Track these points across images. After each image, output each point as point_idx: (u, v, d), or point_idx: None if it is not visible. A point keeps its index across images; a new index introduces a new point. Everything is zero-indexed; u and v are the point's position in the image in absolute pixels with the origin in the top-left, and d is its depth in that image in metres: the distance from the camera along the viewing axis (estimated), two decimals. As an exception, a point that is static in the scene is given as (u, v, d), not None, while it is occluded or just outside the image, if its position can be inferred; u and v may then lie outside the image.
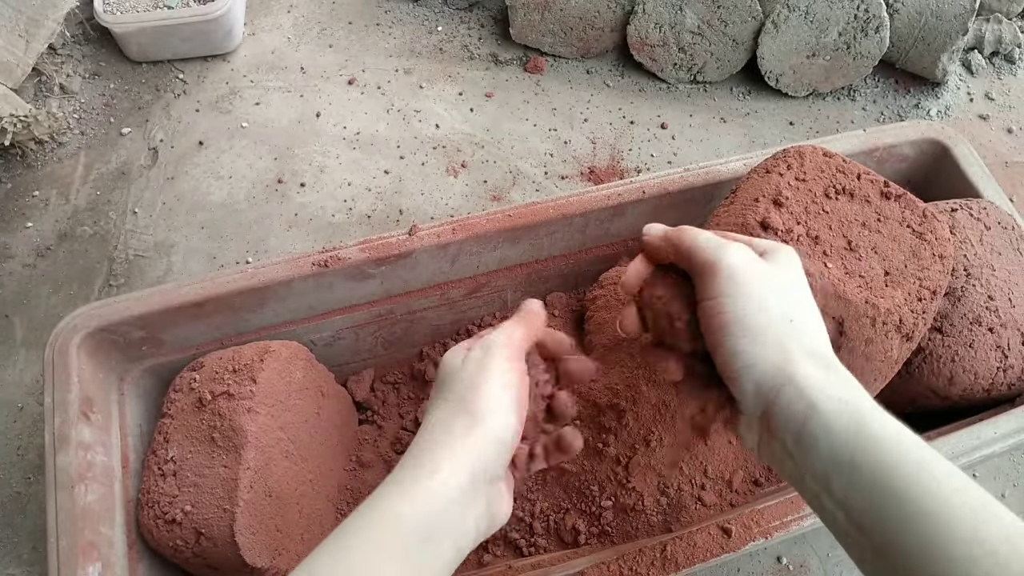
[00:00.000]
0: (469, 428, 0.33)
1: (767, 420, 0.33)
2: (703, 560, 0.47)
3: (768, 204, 0.47)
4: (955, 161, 0.64)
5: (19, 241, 0.78)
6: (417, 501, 0.31)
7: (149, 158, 0.85)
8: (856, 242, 0.46)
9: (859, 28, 0.85)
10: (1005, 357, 0.54)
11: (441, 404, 0.34)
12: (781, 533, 0.48)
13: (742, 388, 0.33)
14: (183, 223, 0.80)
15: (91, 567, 0.45)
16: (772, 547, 0.62)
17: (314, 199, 0.82)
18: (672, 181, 0.60)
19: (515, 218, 0.57)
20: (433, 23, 0.98)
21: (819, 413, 0.31)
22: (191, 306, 0.53)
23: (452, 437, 0.33)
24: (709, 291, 0.34)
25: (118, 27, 0.85)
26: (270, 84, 0.91)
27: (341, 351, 0.62)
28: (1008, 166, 0.89)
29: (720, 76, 0.92)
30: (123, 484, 0.50)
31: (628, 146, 0.88)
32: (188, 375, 0.52)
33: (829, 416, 0.31)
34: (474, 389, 0.34)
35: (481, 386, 0.34)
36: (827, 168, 0.49)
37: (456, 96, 0.91)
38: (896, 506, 0.28)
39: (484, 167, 0.85)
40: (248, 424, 0.48)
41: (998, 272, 0.55)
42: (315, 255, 0.55)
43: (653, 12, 0.87)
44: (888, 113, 0.92)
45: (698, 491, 0.52)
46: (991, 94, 0.95)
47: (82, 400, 0.49)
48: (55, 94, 0.87)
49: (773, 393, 0.32)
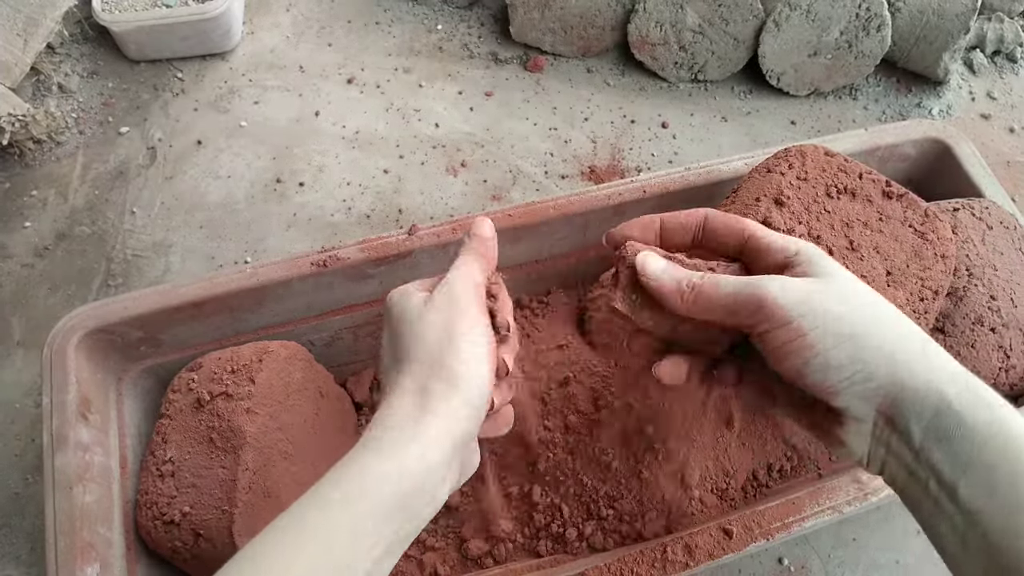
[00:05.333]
0: (447, 395, 0.31)
1: (886, 426, 0.31)
2: (704, 561, 0.47)
3: (769, 204, 0.47)
4: (957, 160, 0.63)
5: (17, 241, 0.77)
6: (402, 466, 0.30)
7: (147, 157, 0.84)
8: (858, 242, 0.46)
9: (861, 27, 0.84)
10: (1007, 357, 0.53)
11: (410, 366, 0.32)
12: (783, 534, 0.47)
13: (848, 398, 0.31)
14: (181, 223, 0.80)
15: (89, 568, 0.44)
16: (773, 548, 0.62)
17: (313, 199, 0.82)
18: (673, 180, 0.59)
19: (515, 218, 0.57)
20: (433, 22, 0.98)
21: (953, 411, 0.29)
22: (189, 306, 0.53)
23: (431, 403, 0.31)
24: (770, 320, 0.31)
25: (116, 26, 0.85)
26: (269, 83, 0.91)
27: (340, 351, 0.61)
28: (1010, 165, 0.88)
29: (721, 75, 0.92)
30: (121, 485, 0.50)
31: (629, 145, 0.88)
32: (186, 375, 0.52)
33: (964, 414, 0.29)
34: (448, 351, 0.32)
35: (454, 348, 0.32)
36: (829, 167, 0.49)
37: (456, 95, 0.91)
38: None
39: (484, 166, 0.85)
40: (247, 425, 0.48)
41: (1000, 272, 0.55)
42: (314, 255, 0.55)
43: (654, 10, 0.87)
44: (890, 112, 0.92)
45: (699, 492, 0.51)
46: (993, 93, 0.94)
47: (80, 401, 0.49)
48: (53, 93, 0.87)
49: (893, 397, 0.30)
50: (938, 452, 0.29)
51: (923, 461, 0.29)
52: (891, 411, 0.30)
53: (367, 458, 0.30)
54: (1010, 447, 0.28)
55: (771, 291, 0.31)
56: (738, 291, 0.32)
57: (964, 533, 0.28)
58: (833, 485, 0.49)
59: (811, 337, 0.30)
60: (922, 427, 0.29)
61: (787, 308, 0.31)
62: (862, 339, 0.30)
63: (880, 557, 0.62)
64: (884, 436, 0.31)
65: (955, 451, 0.28)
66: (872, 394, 0.30)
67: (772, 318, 0.31)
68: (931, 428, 0.29)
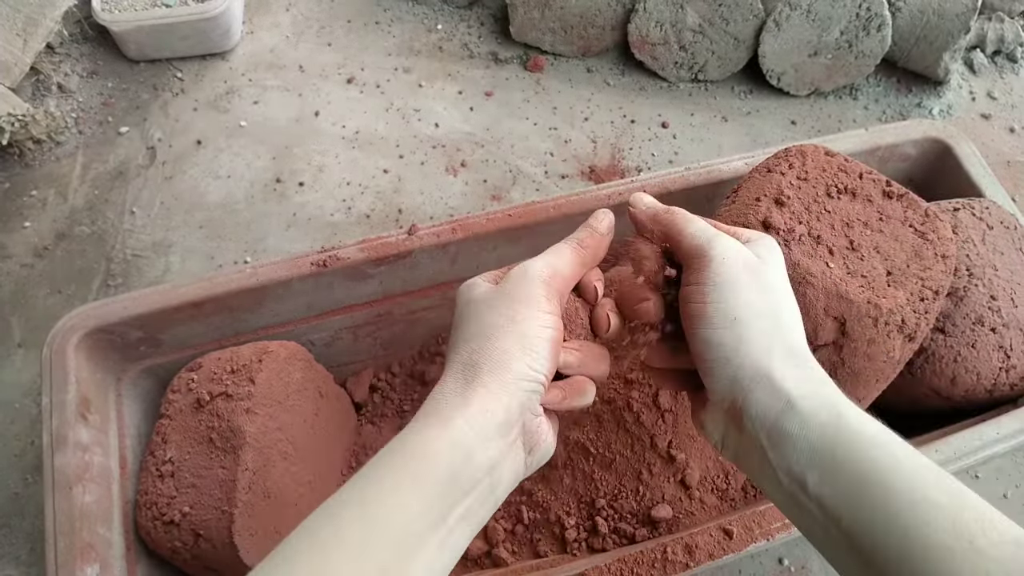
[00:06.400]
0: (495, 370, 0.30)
1: (735, 415, 0.33)
2: (704, 561, 0.46)
3: (770, 203, 0.47)
4: (957, 160, 0.63)
5: (17, 241, 0.77)
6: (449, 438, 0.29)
7: (147, 157, 0.84)
8: (858, 242, 0.46)
9: (861, 27, 0.84)
10: (1007, 357, 0.53)
11: (465, 345, 0.32)
12: (783, 534, 0.47)
13: (715, 378, 0.33)
14: (181, 223, 0.79)
15: (89, 568, 0.44)
16: (774, 548, 0.62)
17: (313, 198, 0.82)
18: (673, 180, 0.59)
19: (515, 218, 0.57)
20: (432, 21, 0.98)
21: (797, 410, 0.31)
22: (189, 306, 0.53)
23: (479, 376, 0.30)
24: (696, 277, 0.33)
25: (116, 26, 0.85)
26: (268, 83, 0.91)
27: (340, 351, 0.61)
28: (1010, 165, 0.88)
29: (721, 75, 0.92)
30: (121, 485, 0.50)
31: (629, 145, 0.88)
32: (186, 376, 0.52)
33: (806, 412, 0.31)
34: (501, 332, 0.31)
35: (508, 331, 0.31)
36: (829, 167, 0.49)
37: (456, 95, 0.91)
38: (880, 496, 0.28)
39: (484, 166, 0.85)
40: (246, 425, 0.48)
41: (1000, 272, 0.55)
42: (314, 255, 0.55)
43: (654, 10, 0.87)
44: (890, 112, 0.92)
45: (699, 492, 0.51)
46: (993, 93, 0.94)
47: (80, 401, 0.49)
48: (53, 93, 0.87)
49: (747, 389, 0.32)
50: (782, 449, 0.31)
51: (771, 459, 0.31)
52: (740, 409, 0.32)
53: (412, 436, 0.30)
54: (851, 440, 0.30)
55: (719, 249, 0.34)
56: (697, 241, 0.34)
57: (823, 523, 0.30)
58: (833, 485, 0.49)
59: (711, 307, 0.33)
60: (766, 429, 0.31)
61: (717, 270, 0.33)
62: (745, 328, 0.32)
63: (880, 557, 0.62)
64: (733, 430, 0.33)
65: (798, 446, 0.30)
66: (731, 386, 0.32)
67: (702, 277, 0.33)
68: (774, 429, 0.31)
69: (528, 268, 0.34)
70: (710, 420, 0.35)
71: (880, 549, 0.28)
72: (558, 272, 0.34)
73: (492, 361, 0.31)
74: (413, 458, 0.29)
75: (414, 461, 0.29)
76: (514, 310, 0.32)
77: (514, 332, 0.31)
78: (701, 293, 0.33)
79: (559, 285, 0.34)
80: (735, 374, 0.32)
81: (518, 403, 0.31)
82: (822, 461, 0.30)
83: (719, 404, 0.34)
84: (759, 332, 0.33)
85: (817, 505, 0.30)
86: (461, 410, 0.30)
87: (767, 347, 0.32)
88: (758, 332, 0.33)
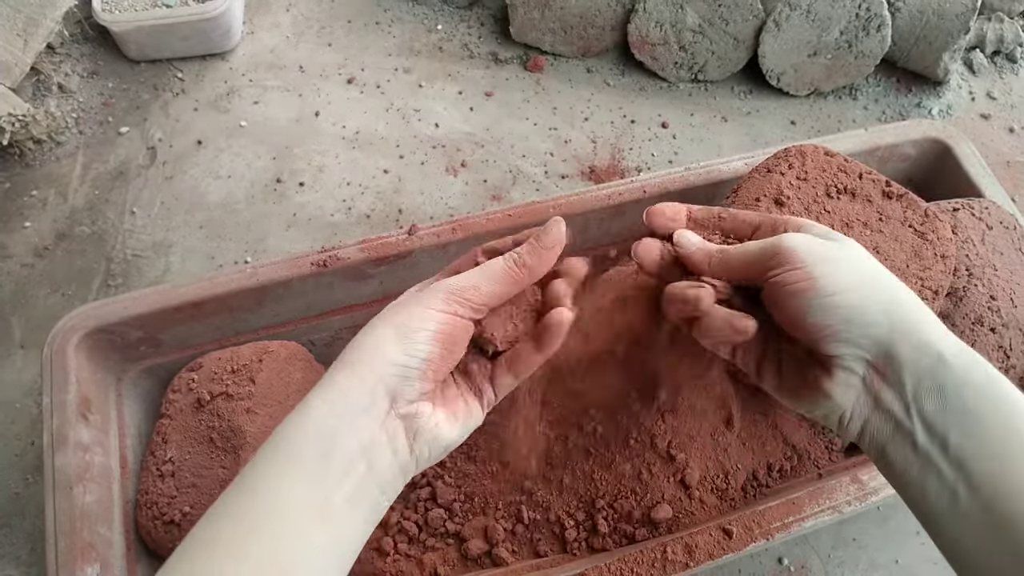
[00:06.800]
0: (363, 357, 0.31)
1: (879, 371, 0.32)
2: (704, 561, 0.47)
3: (769, 204, 0.47)
4: (957, 160, 0.63)
5: (17, 241, 0.77)
6: (306, 418, 0.30)
7: (147, 157, 0.84)
8: (858, 242, 0.46)
9: (861, 27, 0.84)
10: (1007, 357, 0.53)
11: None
12: (783, 534, 0.48)
13: (843, 342, 0.32)
14: (181, 223, 0.80)
15: (89, 568, 0.44)
16: (773, 548, 0.62)
17: (313, 199, 0.82)
18: (673, 180, 0.59)
19: (515, 218, 0.57)
20: (433, 22, 0.98)
21: (949, 366, 0.30)
22: (189, 306, 0.53)
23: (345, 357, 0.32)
24: (783, 262, 0.33)
25: (116, 26, 0.85)
26: (269, 83, 0.91)
27: (340, 351, 0.61)
28: (1010, 165, 0.88)
29: (721, 75, 0.92)
30: (121, 485, 0.50)
31: (629, 145, 0.88)
32: (186, 375, 0.52)
33: (960, 370, 0.30)
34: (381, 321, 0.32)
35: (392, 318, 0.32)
36: (828, 167, 0.49)
37: (456, 95, 0.91)
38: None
39: (484, 166, 0.85)
40: (247, 425, 0.48)
41: (1000, 272, 0.55)
42: (314, 255, 0.55)
43: (654, 10, 0.87)
44: (890, 112, 0.92)
45: (699, 492, 0.51)
46: (993, 93, 0.94)
47: (80, 401, 0.49)
48: (53, 93, 0.87)
49: (889, 342, 0.31)
50: (930, 403, 0.30)
51: (914, 414, 0.31)
52: (885, 362, 0.32)
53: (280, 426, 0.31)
54: (1002, 403, 0.29)
55: (790, 240, 0.34)
56: (762, 246, 0.34)
57: (954, 487, 0.29)
58: (833, 485, 0.49)
59: (820, 280, 0.32)
60: (916, 379, 0.31)
61: (801, 253, 0.33)
62: (866, 289, 0.32)
63: (880, 557, 0.62)
64: (874, 387, 0.32)
65: (949, 402, 0.30)
66: (868, 343, 0.32)
67: (787, 262, 0.33)
68: (926, 380, 0.30)
69: (443, 281, 0.34)
70: (839, 389, 0.33)
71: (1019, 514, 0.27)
72: (477, 287, 0.34)
73: (363, 348, 0.32)
74: (284, 441, 0.30)
75: (284, 443, 0.30)
76: (401, 310, 0.33)
77: (392, 323, 0.32)
78: (796, 274, 0.32)
79: (472, 296, 0.33)
80: (867, 331, 0.31)
81: (385, 386, 0.31)
82: (970, 421, 0.29)
83: (851, 369, 0.32)
84: (878, 289, 0.32)
85: (956, 467, 0.29)
86: (319, 390, 0.31)
87: (896, 300, 0.32)
88: (876, 289, 0.32)
